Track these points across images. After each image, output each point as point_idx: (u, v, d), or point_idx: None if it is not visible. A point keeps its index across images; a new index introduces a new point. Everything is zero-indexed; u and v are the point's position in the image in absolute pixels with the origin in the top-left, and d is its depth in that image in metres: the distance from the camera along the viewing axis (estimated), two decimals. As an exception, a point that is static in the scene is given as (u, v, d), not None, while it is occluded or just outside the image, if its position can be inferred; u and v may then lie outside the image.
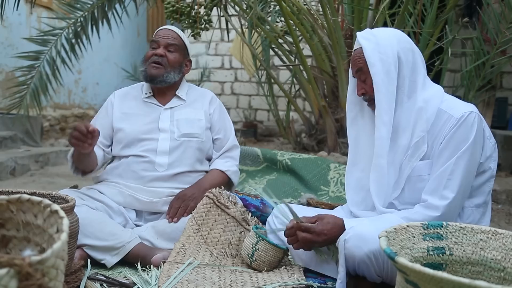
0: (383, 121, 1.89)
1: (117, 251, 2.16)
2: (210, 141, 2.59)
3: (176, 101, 2.58)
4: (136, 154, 2.43)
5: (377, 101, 1.90)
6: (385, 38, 1.91)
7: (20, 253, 1.12)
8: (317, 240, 1.85)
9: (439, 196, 1.81)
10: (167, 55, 2.49)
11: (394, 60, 1.89)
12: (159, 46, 2.50)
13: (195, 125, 2.51)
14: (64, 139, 7.03)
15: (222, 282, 1.92)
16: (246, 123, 8.32)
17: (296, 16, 4.68)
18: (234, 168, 2.58)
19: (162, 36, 2.52)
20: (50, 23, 5.80)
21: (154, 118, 2.51)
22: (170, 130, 2.47)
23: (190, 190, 2.40)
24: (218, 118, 2.63)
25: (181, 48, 2.56)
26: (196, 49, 8.83)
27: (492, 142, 1.93)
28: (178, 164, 2.44)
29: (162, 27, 2.62)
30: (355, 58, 1.98)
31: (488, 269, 1.39)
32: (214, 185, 2.44)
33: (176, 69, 2.52)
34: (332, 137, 4.66)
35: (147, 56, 2.52)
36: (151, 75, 2.48)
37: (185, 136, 2.47)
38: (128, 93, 2.64)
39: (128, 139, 2.46)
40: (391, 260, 1.14)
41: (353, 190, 2.11)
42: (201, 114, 2.57)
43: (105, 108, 2.60)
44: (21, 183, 4.46)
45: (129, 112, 2.54)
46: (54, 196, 1.95)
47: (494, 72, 4.50)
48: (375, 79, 1.88)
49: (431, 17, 4.23)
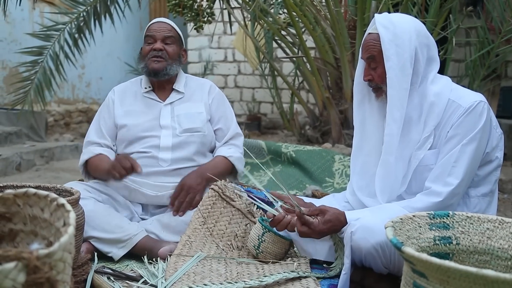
0: (394, 118, 1.87)
1: (124, 243, 2.17)
2: (212, 133, 2.57)
3: (175, 95, 2.56)
4: (139, 150, 2.43)
5: (390, 96, 1.87)
6: (404, 30, 1.85)
7: (28, 246, 1.12)
8: (315, 236, 1.84)
9: (442, 182, 1.80)
10: (165, 48, 2.48)
11: (411, 56, 1.85)
12: (155, 40, 2.48)
13: (196, 119, 2.50)
14: (69, 134, 7.04)
15: (229, 273, 1.92)
16: (250, 116, 8.31)
17: (299, 8, 4.65)
18: (237, 154, 2.56)
19: (157, 30, 2.50)
20: (53, 18, 5.77)
21: (155, 115, 2.50)
22: (172, 126, 2.46)
23: (194, 179, 2.37)
24: (216, 107, 2.60)
25: (177, 39, 2.55)
26: (199, 42, 8.81)
27: (499, 131, 1.92)
28: (181, 159, 2.44)
29: (154, 20, 2.60)
30: (369, 44, 1.92)
31: (495, 258, 1.39)
32: (217, 171, 2.42)
33: (176, 60, 2.52)
34: (336, 128, 4.65)
35: (145, 52, 2.50)
36: (154, 70, 2.45)
37: (187, 131, 2.46)
38: (127, 88, 2.62)
39: (131, 137, 2.46)
40: (397, 250, 1.14)
41: (359, 175, 2.10)
42: (201, 106, 2.55)
43: (106, 106, 2.58)
44: (27, 178, 4.48)
45: (130, 109, 2.52)
46: (59, 189, 1.96)
47: (499, 61, 4.49)
48: (389, 74, 1.85)
49: (435, 7, 4.20)
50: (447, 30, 4.28)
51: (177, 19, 5.99)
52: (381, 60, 1.88)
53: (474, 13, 4.54)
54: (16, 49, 6.00)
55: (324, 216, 1.82)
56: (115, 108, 2.54)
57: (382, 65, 1.88)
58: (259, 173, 3.71)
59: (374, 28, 1.92)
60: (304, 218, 1.81)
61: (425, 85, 1.89)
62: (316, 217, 1.83)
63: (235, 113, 2.74)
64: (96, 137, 2.51)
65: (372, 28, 1.93)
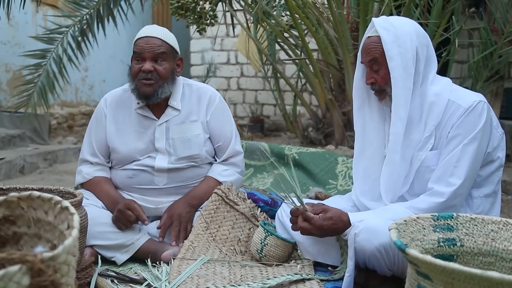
0: (399, 116, 1.88)
1: (126, 248, 2.16)
2: (212, 149, 2.43)
3: (171, 112, 2.36)
4: (133, 168, 2.34)
5: (395, 96, 1.88)
6: (405, 32, 1.88)
7: (32, 249, 1.13)
8: (315, 232, 1.85)
9: (445, 183, 1.81)
10: (156, 68, 2.23)
11: (413, 55, 1.87)
12: (144, 59, 2.23)
13: (193, 145, 2.34)
14: (72, 137, 7.05)
15: (232, 276, 1.92)
16: (253, 118, 8.30)
17: (302, 10, 4.66)
18: (232, 177, 2.41)
19: (145, 47, 2.22)
20: (56, 21, 5.79)
21: (149, 137, 2.34)
22: (167, 151, 2.33)
23: (182, 207, 2.27)
24: (215, 124, 2.41)
25: (169, 53, 2.28)
26: (201, 44, 8.82)
27: (500, 131, 1.93)
28: (178, 180, 2.35)
29: (142, 33, 2.29)
30: (369, 47, 1.93)
31: (500, 260, 1.38)
32: (207, 196, 2.31)
33: (169, 79, 2.28)
34: (340, 130, 4.65)
35: (134, 72, 2.26)
36: (144, 94, 2.25)
37: (183, 159, 2.33)
38: (120, 100, 2.42)
39: (124, 160, 2.35)
40: (401, 252, 1.13)
41: (361, 179, 2.10)
42: (198, 128, 2.37)
43: (98, 120, 2.41)
44: (30, 181, 4.49)
45: (123, 128, 2.37)
46: (61, 191, 1.97)
47: (502, 62, 4.48)
48: (394, 73, 1.87)
49: (437, 8, 4.19)
50: (450, 31, 4.28)
51: (179, 22, 6.02)
52: (384, 62, 1.89)
53: (477, 14, 4.52)
54: (19, 52, 6.01)
55: (326, 213, 1.84)
56: (107, 124, 2.39)
57: (385, 66, 1.89)
58: (262, 175, 3.71)
59: (373, 31, 1.93)
60: (306, 214, 1.84)
61: (425, 86, 1.91)
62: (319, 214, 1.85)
63: (238, 115, 2.71)
64: (89, 155, 2.40)
65: (372, 31, 1.95)
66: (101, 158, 2.39)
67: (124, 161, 2.36)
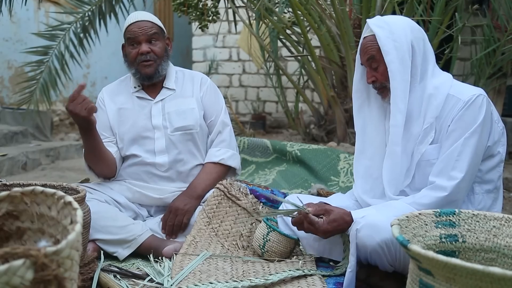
0: (399, 108, 1.90)
1: (128, 243, 2.17)
2: (206, 129, 2.50)
3: (166, 92, 2.47)
4: (136, 154, 2.40)
5: (393, 88, 1.90)
6: (398, 27, 1.91)
7: (35, 244, 1.13)
8: (320, 235, 1.86)
9: (447, 177, 1.81)
10: (152, 49, 2.36)
11: (408, 49, 1.89)
12: (139, 42, 2.35)
13: (188, 117, 2.42)
14: (74, 133, 7.06)
15: (235, 272, 1.93)
16: (255, 115, 8.30)
17: (304, 6, 4.65)
18: (228, 153, 2.47)
19: (139, 31, 2.35)
20: (58, 17, 5.80)
21: (146, 114, 2.43)
22: (163, 126, 2.40)
23: (181, 200, 2.33)
24: (208, 100, 2.52)
25: (160, 33, 2.42)
26: (203, 41, 8.81)
27: (500, 126, 1.94)
28: (178, 162, 2.40)
29: (132, 19, 2.40)
30: (366, 46, 1.97)
31: (502, 256, 1.38)
32: (208, 183, 2.38)
33: (164, 57, 2.42)
34: (342, 127, 4.64)
35: (132, 57, 2.38)
36: (147, 74, 2.38)
37: (178, 130, 2.40)
38: (116, 88, 2.54)
39: (126, 140, 2.41)
40: (403, 247, 1.14)
41: (362, 178, 2.11)
42: (192, 102, 2.47)
43: (98, 106, 2.47)
44: (33, 177, 4.50)
45: (121, 107, 2.46)
46: (65, 187, 1.98)
47: (504, 59, 4.47)
48: (390, 66, 1.89)
49: (440, 5, 4.19)
50: (453, 28, 4.26)
51: (181, 18, 6.01)
52: (381, 58, 1.92)
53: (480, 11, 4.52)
54: (21, 49, 6.02)
55: (329, 216, 1.83)
56: (107, 109, 2.47)
57: (383, 63, 1.92)
58: (264, 172, 3.71)
59: (369, 31, 1.97)
60: (309, 218, 1.84)
61: (426, 81, 1.93)
62: (322, 217, 1.84)
63: (240, 112, 2.74)
64: None
65: (367, 31, 1.98)
66: (104, 134, 2.42)
67: (127, 141, 2.41)
